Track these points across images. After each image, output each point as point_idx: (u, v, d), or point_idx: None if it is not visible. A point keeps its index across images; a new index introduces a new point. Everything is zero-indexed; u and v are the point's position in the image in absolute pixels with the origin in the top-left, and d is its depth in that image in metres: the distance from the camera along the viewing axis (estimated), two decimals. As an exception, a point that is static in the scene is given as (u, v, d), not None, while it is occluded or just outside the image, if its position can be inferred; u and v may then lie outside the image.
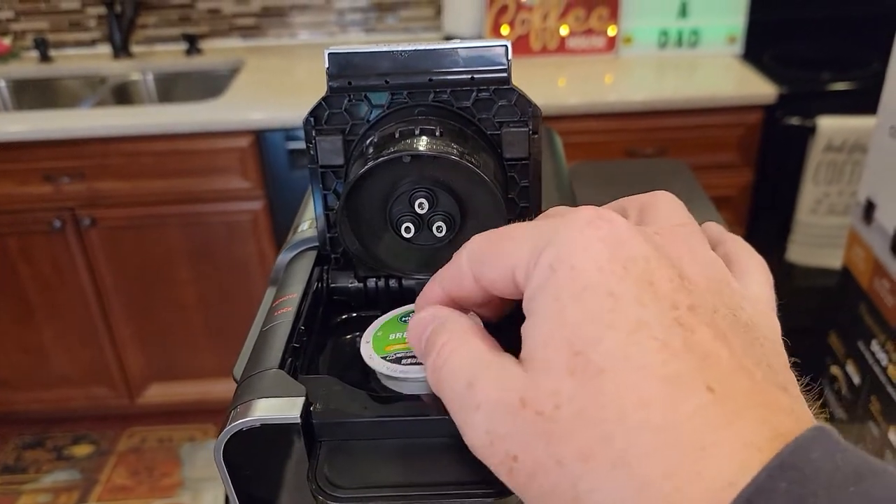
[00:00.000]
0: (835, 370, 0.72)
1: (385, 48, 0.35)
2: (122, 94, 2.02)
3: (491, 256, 0.24)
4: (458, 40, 0.35)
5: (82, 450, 1.98)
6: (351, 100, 0.35)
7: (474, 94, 0.35)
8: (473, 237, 0.26)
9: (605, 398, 0.19)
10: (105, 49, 2.10)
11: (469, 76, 0.35)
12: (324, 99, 0.35)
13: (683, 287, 0.22)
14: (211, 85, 1.98)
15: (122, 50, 2.04)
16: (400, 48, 0.35)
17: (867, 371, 0.66)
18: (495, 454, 0.22)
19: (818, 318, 0.79)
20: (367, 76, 0.35)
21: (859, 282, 0.68)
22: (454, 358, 0.24)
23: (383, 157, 0.33)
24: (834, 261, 1.07)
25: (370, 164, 0.33)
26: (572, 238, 0.22)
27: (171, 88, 2.06)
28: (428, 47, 0.35)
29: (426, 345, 0.26)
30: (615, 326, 0.20)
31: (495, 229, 0.25)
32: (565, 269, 0.21)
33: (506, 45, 0.35)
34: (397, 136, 0.33)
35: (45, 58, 2.04)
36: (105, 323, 1.87)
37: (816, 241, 1.73)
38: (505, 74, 0.35)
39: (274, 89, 1.81)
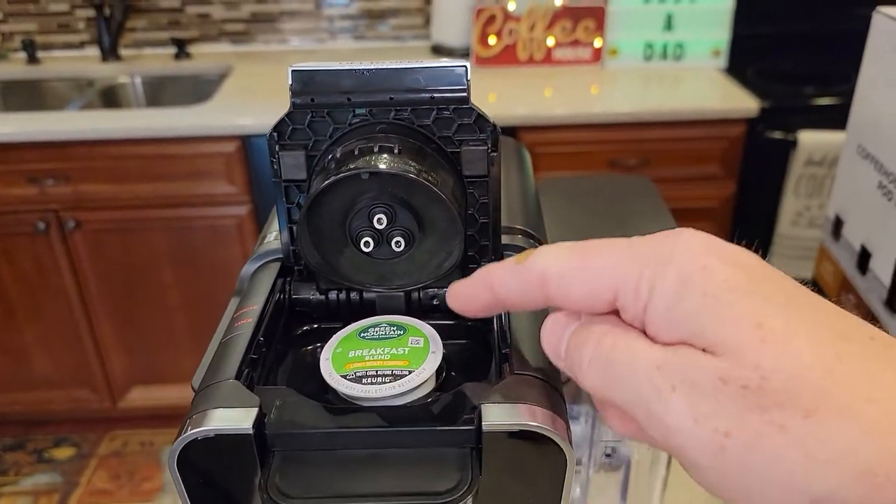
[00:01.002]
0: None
1: (348, 66, 0.36)
2: (110, 98, 2.02)
3: (581, 278, 0.26)
4: (419, 60, 0.36)
5: (63, 452, 1.97)
6: (314, 116, 0.36)
7: (434, 112, 0.36)
8: (544, 255, 0.27)
9: (806, 358, 0.21)
10: (93, 52, 2.10)
11: (429, 95, 0.36)
12: (287, 115, 0.36)
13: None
14: (199, 89, 1.98)
15: (110, 53, 2.04)
16: (362, 66, 0.36)
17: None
18: (701, 434, 0.22)
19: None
20: (330, 93, 0.36)
21: (828, 296, 0.70)
22: (622, 343, 0.25)
23: (342, 173, 0.33)
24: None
25: (329, 180, 0.33)
26: (688, 248, 0.24)
27: (159, 92, 2.06)
28: (390, 66, 0.36)
29: (570, 344, 0.27)
30: (772, 298, 0.22)
31: (573, 249, 0.26)
32: (697, 271, 0.23)
33: (465, 66, 0.36)
34: (357, 153, 0.34)
35: (32, 59, 2.04)
36: (88, 325, 1.86)
37: (797, 254, 1.75)
38: (465, 94, 0.36)
39: (262, 95, 1.81)
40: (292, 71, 0.36)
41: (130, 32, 2.12)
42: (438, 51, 2.03)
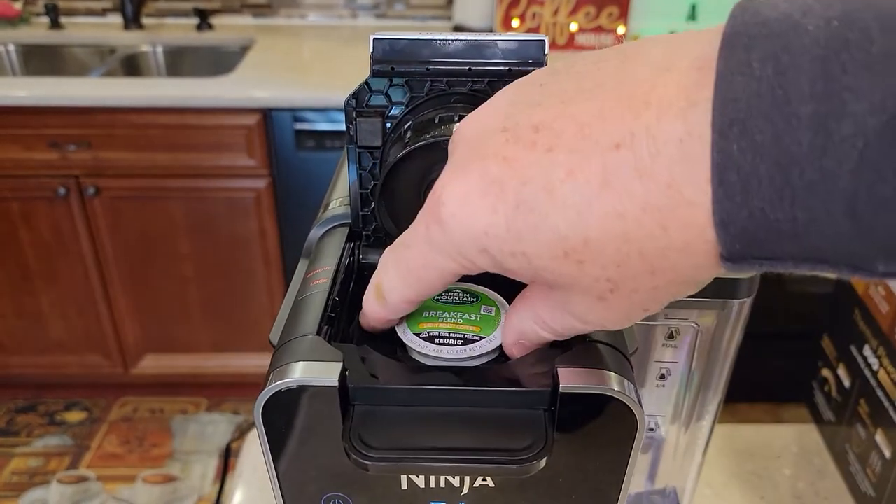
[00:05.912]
0: (826, 373, 0.74)
1: (427, 36, 0.36)
2: (131, 66, 2.02)
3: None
4: (498, 33, 0.37)
5: (74, 416, 1.99)
6: (392, 84, 0.37)
7: (510, 84, 0.37)
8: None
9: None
10: (116, 19, 2.10)
11: (506, 68, 0.36)
12: (366, 82, 0.37)
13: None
14: (219, 61, 1.98)
15: (132, 21, 2.04)
16: (442, 37, 0.36)
17: (857, 375, 0.68)
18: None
19: (812, 322, 0.81)
20: (409, 63, 0.37)
21: (855, 288, 0.70)
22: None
23: (423, 140, 0.34)
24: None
25: (410, 147, 0.34)
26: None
27: (179, 62, 2.06)
28: (469, 38, 0.36)
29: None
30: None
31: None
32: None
33: (543, 40, 0.36)
34: (437, 121, 0.35)
35: (55, 24, 2.04)
36: (103, 292, 1.88)
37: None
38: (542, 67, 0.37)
39: (283, 69, 1.81)
40: (374, 39, 0.36)
41: (153, 1, 2.11)
42: (460, 31, 2.03)
